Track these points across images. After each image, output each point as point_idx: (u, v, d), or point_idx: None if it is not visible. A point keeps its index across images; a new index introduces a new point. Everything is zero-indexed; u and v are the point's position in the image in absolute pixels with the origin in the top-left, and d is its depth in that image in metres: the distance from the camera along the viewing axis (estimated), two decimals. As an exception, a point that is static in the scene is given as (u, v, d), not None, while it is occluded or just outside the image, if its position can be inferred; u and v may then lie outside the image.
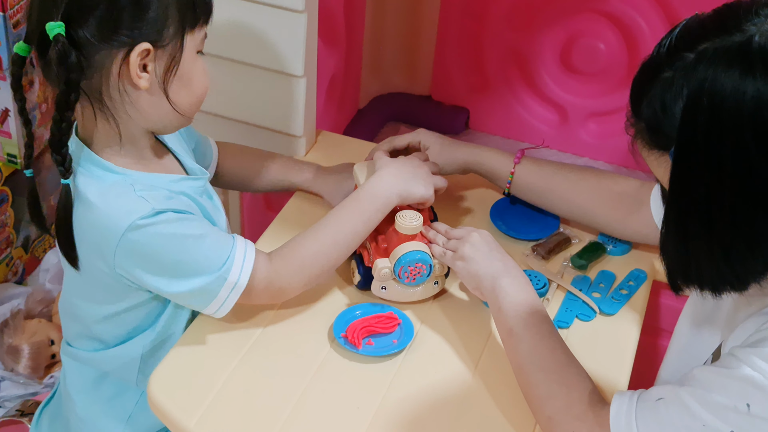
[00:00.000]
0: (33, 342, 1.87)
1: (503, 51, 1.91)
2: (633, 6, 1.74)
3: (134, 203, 1.11)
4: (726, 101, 0.85)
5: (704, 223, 0.90)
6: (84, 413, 1.31)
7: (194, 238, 1.14)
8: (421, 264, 1.24)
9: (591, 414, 1.04)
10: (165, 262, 1.14)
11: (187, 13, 1.10)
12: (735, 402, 0.91)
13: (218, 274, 1.15)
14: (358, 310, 1.26)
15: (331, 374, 1.18)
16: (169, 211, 1.13)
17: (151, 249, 1.12)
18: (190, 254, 1.14)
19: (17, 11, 1.74)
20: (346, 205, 1.26)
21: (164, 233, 1.12)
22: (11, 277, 2.05)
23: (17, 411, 1.79)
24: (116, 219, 1.11)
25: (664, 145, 0.93)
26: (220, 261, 1.15)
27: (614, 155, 1.90)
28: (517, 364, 1.14)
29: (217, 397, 1.14)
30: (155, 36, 1.09)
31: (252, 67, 1.53)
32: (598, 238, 1.42)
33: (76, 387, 1.31)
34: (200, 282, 1.15)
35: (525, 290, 1.18)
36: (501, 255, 1.23)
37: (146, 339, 1.23)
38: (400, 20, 1.96)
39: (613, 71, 1.82)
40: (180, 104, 1.15)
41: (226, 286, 1.16)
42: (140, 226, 1.10)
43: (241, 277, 1.16)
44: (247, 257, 1.17)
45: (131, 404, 1.28)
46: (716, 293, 0.95)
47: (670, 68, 0.90)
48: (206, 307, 1.18)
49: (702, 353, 1.11)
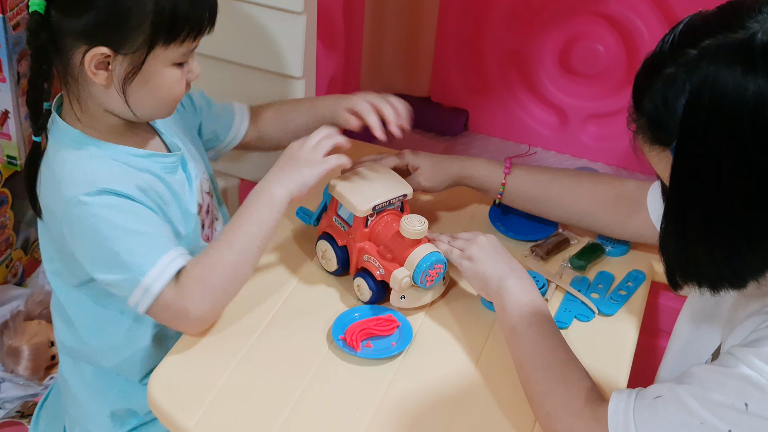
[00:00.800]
0: (33, 343, 1.87)
1: (502, 53, 1.91)
2: (632, 8, 1.75)
3: (84, 176, 1.14)
4: (727, 98, 0.85)
5: (704, 220, 0.91)
6: (78, 392, 1.34)
7: (126, 231, 1.14)
8: (440, 264, 1.24)
9: (588, 411, 1.05)
10: (92, 245, 1.15)
11: (161, 29, 1.11)
12: (733, 400, 0.91)
13: (133, 274, 1.14)
14: (357, 313, 1.26)
15: (329, 376, 1.19)
16: (114, 194, 1.14)
17: (85, 227, 1.14)
18: (116, 245, 1.14)
19: (17, 13, 1.75)
20: (237, 212, 1.21)
21: (100, 216, 1.13)
22: (11, 279, 2.05)
23: (17, 412, 1.79)
24: (64, 188, 1.14)
25: (665, 141, 0.93)
26: (140, 262, 1.14)
27: (613, 157, 1.91)
28: (518, 362, 1.15)
29: (216, 397, 1.14)
30: (119, 43, 1.11)
31: (251, 69, 1.53)
32: (596, 239, 1.42)
33: (69, 369, 1.34)
34: (117, 277, 1.15)
35: (529, 291, 1.20)
36: (507, 258, 1.25)
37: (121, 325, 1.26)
38: (400, 22, 1.96)
39: (612, 73, 1.82)
40: (139, 106, 1.17)
41: (139, 288, 1.15)
42: (82, 202, 1.13)
43: (154, 285, 1.14)
44: (170, 268, 1.15)
45: (117, 385, 1.32)
46: (714, 290, 0.95)
47: (673, 64, 0.90)
48: (126, 301, 1.17)
49: (702, 353, 1.12)
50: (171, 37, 1.12)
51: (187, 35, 1.13)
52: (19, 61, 1.79)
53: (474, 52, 1.93)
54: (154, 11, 1.10)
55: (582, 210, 1.37)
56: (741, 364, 0.91)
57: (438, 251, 1.25)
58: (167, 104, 1.20)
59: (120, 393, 1.33)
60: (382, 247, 1.28)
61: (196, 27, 1.14)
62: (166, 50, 1.13)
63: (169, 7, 1.10)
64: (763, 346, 0.91)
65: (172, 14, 1.11)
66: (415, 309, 1.28)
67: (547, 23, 1.83)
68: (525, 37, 1.87)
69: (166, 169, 1.23)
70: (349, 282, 1.31)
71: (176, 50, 1.14)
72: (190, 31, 1.13)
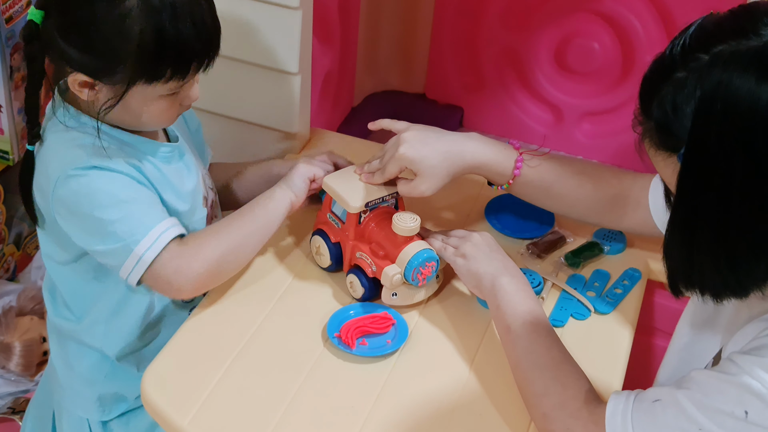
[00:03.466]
0: (25, 339, 1.86)
1: (498, 50, 1.91)
2: (627, 6, 1.74)
3: (74, 152, 1.14)
4: (740, 106, 0.84)
5: (711, 228, 0.90)
6: (65, 381, 1.34)
7: (119, 200, 1.15)
8: (432, 261, 1.24)
9: (586, 412, 1.04)
10: (85, 216, 1.15)
11: (142, 69, 1.10)
12: (733, 408, 0.90)
13: (126, 242, 1.15)
14: (352, 310, 1.26)
15: (324, 374, 1.18)
16: (105, 169, 1.14)
17: (76, 200, 1.14)
18: (108, 214, 1.14)
19: (10, 6, 1.74)
20: (248, 205, 1.27)
21: (92, 186, 1.14)
22: (3, 274, 2.04)
23: (9, 409, 1.78)
24: (55, 166, 1.15)
25: (672, 147, 0.92)
26: (133, 230, 1.15)
27: (608, 155, 1.91)
28: (514, 361, 1.15)
29: (210, 395, 1.14)
30: (100, 73, 1.11)
31: (246, 65, 1.53)
32: (593, 237, 1.42)
33: (57, 354, 1.35)
34: (110, 245, 1.15)
35: (523, 290, 1.19)
36: (501, 255, 1.24)
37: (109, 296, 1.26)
38: (395, 18, 1.95)
39: (607, 71, 1.82)
40: (125, 123, 1.18)
41: (132, 257, 1.15)
42: (72, 176, 1.13)
43: (147, 253, 1.15)
44: (162, 237, 1.17)
45: (105, 369, 1.32)
46: (717, 299, 0.94)
47: (684, 69, 0.89)
48: (118, 271, 1.18)
49: (702, 358, 1.11)
50: (153, 78, 1.11)
51: (172, 77, 1.12)
52: (12, 54, 1.78)
53: (469, 49, 1.93)
54: (137, 51, 1.08)
55: (582, 210, 1.35)
56: (743, 374, 0.90)
57: (430, 248, 1.25)
58: (155, 126, 1.21)
59: (108, 377, 1.32)
60: (374, 244, 1.27)
61: (181, 71, 1.12)
62: (148, 86, 1.12)
63: (153, 49, 1.09)
64: (765, 355, 0.90)
65: (157, 56, 1.09)
66: (409, 307, 1.28)
67: (542, 20, 1.83)
68: (520, 34, 1.87)
69: (164, 159, 1.23)
70: (344, 279, 1.31)
71: (163, 86, 1.13)
72: (175, 73, 1.12)
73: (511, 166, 1.31)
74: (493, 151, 1.30)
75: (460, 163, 1.28)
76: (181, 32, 1.09)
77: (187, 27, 1.09)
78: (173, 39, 1.09)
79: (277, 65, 1.51)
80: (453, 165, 1.28)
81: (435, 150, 1.27)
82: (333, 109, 1.84)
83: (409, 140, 1.27)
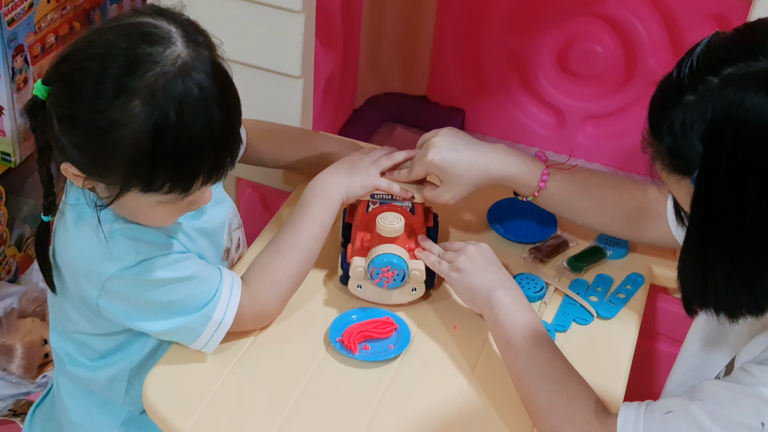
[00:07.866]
0: (26, 341, 1.86)
1: (500, 53, 1.90)
2: (630, 9, 1.74)
3: (118, 251, 1.08)
4: (752, 129, 0.84)
5: (726, 250, 0.89)
6: (76, 418, 1.30)
7: (179, 280, 1.12)
8: (393, 268, 1.23)
9: (597, 423, 1.04)
10: (146, 306, 1.12)
11: (135, 178, 0.99)
12: (749, 419, 0.90)
13: (201, 313, 1.13)
14: (355, 315, 1.26)
15: (326, 379, 1.18)
16: (156, 256, 1.10)
17: (132, 296, 1.11)
18: (173, 296, 1.12)
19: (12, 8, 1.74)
20: (296, 213, 1.25)
21: (147, 279, 1.10)
22: (4, 276, 2.04)
23: (10, 411, 1.78)
24: (99, 266, 1.09)
25: (685, 170, 0.91)
26: (204, 300, 1.13)
27: (610, 158, 1.91)
28: (516, 375, 1.14)
29: (212, 400, 1.13)
30: (90, 171, 1.03)
31: (249, 68, 1.52)
32: (596, 242, 1.42)
33: (68, 392, 1.30)
34: (183, 321, 1.13)
35: (520, 302, 1.18)
36: (496, 268, 1.23)
37: (134, 356, 1.22)
38: (398, 21, 1.95)
39: (609, 74, 1.82)
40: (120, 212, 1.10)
41: (210, 325, 1.14)
42: (122, 277, 1.09)
43: (226, 316, 1.15)
44: (233, 295, 1.16)
45: (124, 410, 1.27)
46: (733, 318, 0.93)
47: (693, 92, 0.88)
48: (191, 344, 1.16)
49: (714, 366, 1.10)
50: (149, 189, 1.01)
51: (171, 190, 1.01)
52: (14, 56, 1.78)
53: (472, 52, 1.93)
54: (131, 160, 0.97)
55: (607, 222, 1.34)
56: (759, 384, 0.89)
57: (401, 256, 1.24)
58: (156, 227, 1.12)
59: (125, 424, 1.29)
60: (367, 235, 1.29)
61: (182, 185, 1.01)
62: (144, 195, 1.02)
63: (148, 161, 0.97)
64: None
65: (151, 169, 0.98)
66: (380, 305, 1.27)
67: (545, 23, 1.83)
68: (523, 37, 1.86)
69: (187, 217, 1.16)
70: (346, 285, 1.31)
71: (162, 195, 1.02)
72: (175, 187, 1.00)
73: (537, 179, 1.30)
74: (519, 164, 1.30)
75: (486, 174, 1.28)
76: (185, 143, 0.98)
77: (194, 136, 0.98)
78: (172, 150, 0.98)
79: (280, 68, 1.51)
80: (478, 176, 1.28)
81: (462, 159, 1.27)
82: (335, 112, 1.84)
83: (439, 145, 1.27)
